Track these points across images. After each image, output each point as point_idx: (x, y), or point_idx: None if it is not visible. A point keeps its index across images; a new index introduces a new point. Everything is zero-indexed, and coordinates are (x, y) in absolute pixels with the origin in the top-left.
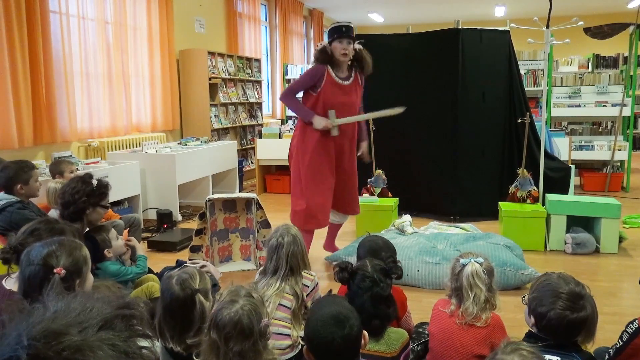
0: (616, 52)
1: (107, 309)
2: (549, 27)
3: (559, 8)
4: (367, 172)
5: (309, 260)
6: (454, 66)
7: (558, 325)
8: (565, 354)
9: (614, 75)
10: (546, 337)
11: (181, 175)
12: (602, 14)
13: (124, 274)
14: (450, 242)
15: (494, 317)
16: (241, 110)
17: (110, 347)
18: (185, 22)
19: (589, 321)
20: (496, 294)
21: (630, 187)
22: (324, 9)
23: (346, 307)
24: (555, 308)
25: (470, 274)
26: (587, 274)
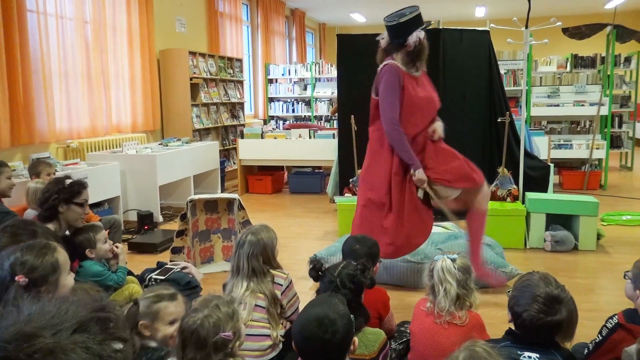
0: (594, 52)
1: (82, 311)
2: (528, 28)
3: (538, 9)
4: (349, 173)
5: (277, 262)
6: (434, 66)
7: (532, 326)
8: (544, 352)
9: (592, 75)
10: (525, 335)
11: (162, 176)
12: (580, 15)
13: (106, 277)
14: (431, 240)
15: (473, 315)
16: (223, 110)
17: (84, 349)
18: (165, 21)
19: (565, 324)
20: (473, 293)
21: (608, 185)
22: (305, 8)
23: (337, 311)
24: (529, 310)
25: (441, 268)
26: (566, 271)
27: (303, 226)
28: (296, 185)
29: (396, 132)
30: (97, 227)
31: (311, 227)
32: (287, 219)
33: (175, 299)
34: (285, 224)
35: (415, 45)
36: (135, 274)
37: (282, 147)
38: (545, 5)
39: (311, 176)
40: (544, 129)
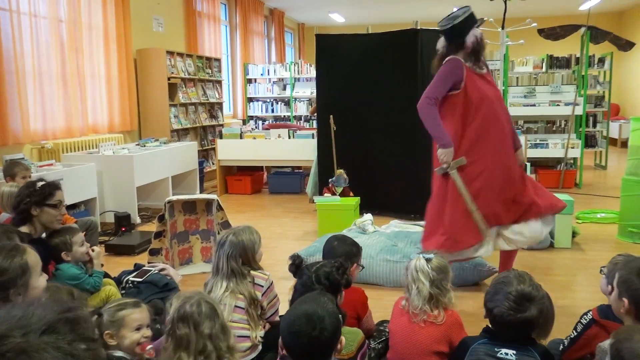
0: (569, 53)
1: (50, 313)
2: (504, 28)
3: (514, 10)
4: (329, 172)
5: (257, 263)
6: (413, 66)
7: (502, 322)
8: (520, 348)
9: (567, 75)
10: (498, 332)
11: (140, 177)
12: (555, 16)
13: (83, 280)
14: (410, 240)
15: (451, 314)
16: (201, 110)
17: (55, 349)
18: (142, 20)
19: (538, 321)
20: (448, 293)
21: (583, 183)
22: (284, 8)
23: (325, 309)
24: (499, 306)
25: (414, 267)
26: (542, 269)
27: (283, 226)
28: (276, 186)
29: (429, 107)
30: (73, 229)
31: (291, 227)
32: (267, 219)
33: (139, 306)
34: (265, 225)
35: (473, 44)
36: (113, 276)
37: (262, 147)
38: (521, 6)
39: (291, 176)
40: (520, 128)
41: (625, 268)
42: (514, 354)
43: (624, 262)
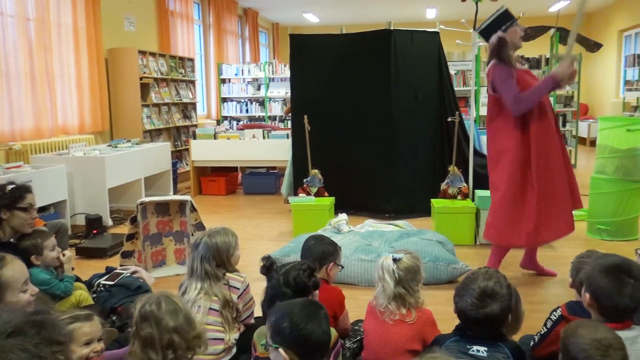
0: (539, 54)
1: (16, 317)
2: (476, 29)
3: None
4: (303, 173)
5: (233, 265)
6: (386, 66)
7: (465, 318)
8: (491, 344)
9: (537, 75)
10: (466, 328)
11: (111, 178)
12: (525, 17)
13: (53, 285)
14: (385, 239)
15: (423, 312)
16: (174, 110)
17: (21, 351)
18: (113, 19)
19: (498, 318)
20: (416, 294)
21: None
22: (259, 8)
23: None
24: (462, 302)
25: (380, 266)
26: (514, 266)
27: (257, 227)
28: (250, 186)
29: (520, 100)
30: (45, 233)
31: (266, 227)
32: (242, 220)
33: (91, 319)
34: (240, 225)
35: (493, 44)
36: (83, 279)
37: (236, 147)
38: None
39: (265, 177)
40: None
41: (591, 264)
42: (486, 351)
43: (592, 258)
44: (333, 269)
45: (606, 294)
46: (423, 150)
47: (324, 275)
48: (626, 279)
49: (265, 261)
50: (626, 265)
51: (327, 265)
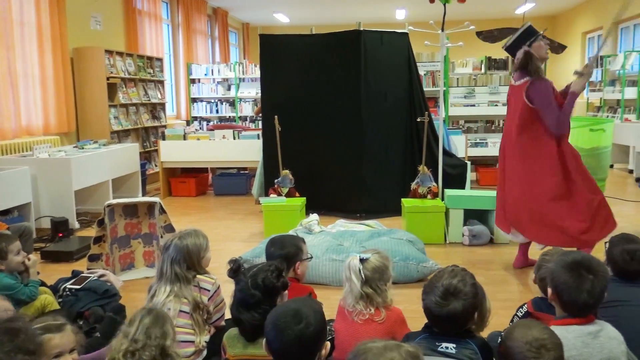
0: (506, 55)
1: None
2: (444, 31)
3: (453, 12)
4: (274, 173)
5: (203, 267)
6: (356, 67)
7: (430, 315)
8: (459, 341)
9: (504, 76)
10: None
11: (78, 180)
12: (492, 19)
13: (17, 290)
14: (356, 239)
15: (393, 311)
16: (143, 111)
17: None
18: (79, 18)
19: (460, 315)
20: (383, 293)
21: None
22: (228, 8)
23: (313, 308)
24: (427, 299)
25: (347, 266)
26: (483, 264)
27: (228, 228)
28: (221, 187)
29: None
30: (9, 237)
31: (237, 229)
32: (212, 221)
33: (62, 330)
34: (211, 227)
35: (519, 59)
36: (49, 284)
37: (206, 148)
38: (460, 9)
39: (236, 177)
40: (461, 128)
41: (555, 260)
42: (454, 347)
43: (556, 255)
44: (300, 267)
45: (566, 289)
46: (393, 150)
47: (293, 275)
48: (585, 274)
49: (233, 264)
50: (586, 262)
51: (293, 266)
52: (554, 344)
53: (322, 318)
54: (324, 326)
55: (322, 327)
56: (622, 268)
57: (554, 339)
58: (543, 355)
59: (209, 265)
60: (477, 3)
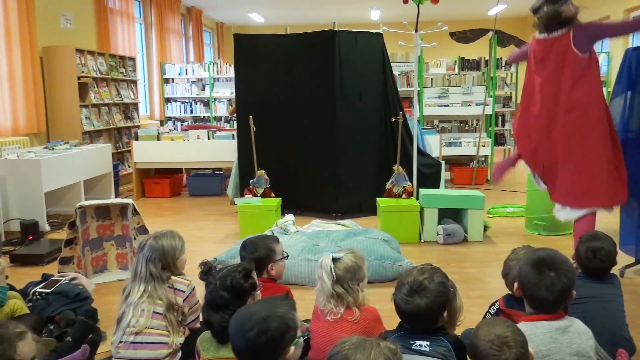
0: (478, 56)
1: None
2: (418, 31)
3: (427, 13)
4: (249, 173)
5: (178, 268)
6: (331, 67)
7: (398, 311)
8: (433, 339)
9: (477, 76)
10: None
11: (48, 182)
12: (465, 20)
13: None
14: (331, 239)
15: (367, 310)
16: (115, 111)
17: None
18: (49, 16)
19: (425, 312)
20: (354, 293)
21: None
22: (202, 7)
23: (275, 313)
24: (395, 296)
25: (319, 265)
26: (457, 262)
27: (203, 229)
28: (195, 188)
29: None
30: None
31: (211, 230)
32: (187, 222)
33: (23, 338)
34: (185, 228)
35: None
36: (18, 288)
37: (180, 148)
38: (433, 10)
39: (211, 178)
40: (435, 127)
41: (523, 257)
42: (427, 345)
43: (525, 252)
44: (275, 268)
45: (527, 284)
46: (368, 149)
47: (268, 275)
48: (546, 271)
49: (203, 266)
50: (550, 259)
51: (266, 268)
52: (516, 341)
53: (283, 322)
54: (284, 331)
55: (281, 334)
56: (585, 265)
57: (516, 336)
58: (504, 352)
59: (184, 267)
60: (450, 4)
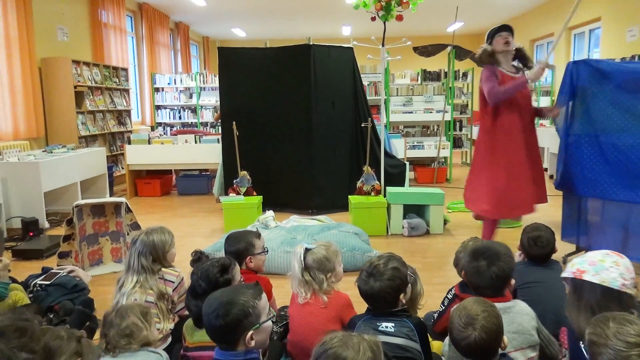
0: (439, 68)
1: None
2: (384, 46)
3: (393, 30)
4: (233, 174)
5: (168, 261)
6: (306, 77)
7: (361, 294)
8: (397, 320)
9: (438, 87)
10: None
11: (47, 182)
12: (427, 36)
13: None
14: (308, 232)
15: (341, 296)
16: (109, 117)
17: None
18: (46, 30)
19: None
20: (321, 282)
21: (452, 178)
22: (189, 22)
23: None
24: (357, 280)
25: (294, 254)
26: (420, 252)
27: (191, 225)
28: (184, 187)
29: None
30: None
31: (199, 225)
32: (176, 219)
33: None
34: (175, 224)
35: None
36: (20, 280)
37: (170, 151)
38: (398, 26)
39: (198, 178)
40: (400, 132)
41: (465, 249)
42: (392, 326)
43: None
44: (254, 261)
45: (469, 272)
46: (340, 152)
47: (247, 267)
48: (481, 260)
49: (194, 255)
50: (484, 249)
51: (244, 260)
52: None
53: (243, 309)
54: (242, 316)
55: (241, 317)
56: (529, 252)
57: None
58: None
59: (174, 260)
60: (413, 21)
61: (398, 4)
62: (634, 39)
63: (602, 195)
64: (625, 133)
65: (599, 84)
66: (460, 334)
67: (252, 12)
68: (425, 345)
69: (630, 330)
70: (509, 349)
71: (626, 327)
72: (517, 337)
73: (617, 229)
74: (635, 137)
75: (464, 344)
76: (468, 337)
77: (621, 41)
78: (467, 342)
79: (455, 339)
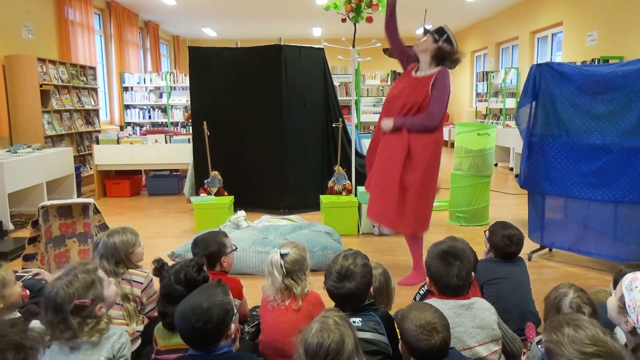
0: None
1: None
2: (355, 47)
3: (362, 31)
4: (204, 174)
5: (132, 262)
6: (278, 78)
7: (331, 296)
8: (364, 315)
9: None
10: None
11: (11, 183)
12: None
13: None
14: (279, 232)
15: (312, 294)
16: (77, 117)
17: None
18: (10, 27)
19: (356, 294)
20: (302, 282)
21: None
22: (159, 21)
23: (213, 301)
24: (327, 283)
25: (270, 262)
26: (390, 251)
27: (161, 226)
28: (154, 188)
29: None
30: None
31: (169, 226)
32: (146, 219)
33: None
34: (144, 225)
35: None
36: None
37: (139, 151)
38: (368, 28)
39: (168, 178)
40: (371, 132)
41: (429, 253)
42: (360, 321)
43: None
44: (226, 261)
45: (438, 276)
46: (312, 152)
47: (220, 269)
48: (452, 261)
49: (156, 263)
50: (452, 250)
51: (219, 262)
52: (442, 326)
53: (222, 310)
54: (224, 317)
55: (223, 318)
56: (503, 251)
57: (443, 321)
58: (434, 337)
59: (143, 259)
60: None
61: (368, 6)
62: (594, 44)
63: (564, 194)
64: (585, 133)
65: (560, 86)
66: (427, 342)
67: (223, 12)
68: (392, 338)
69: (583, 337)
70: (473, 343)
71: (579, 333)
72: (480, 332)
73: (577, 226)
74: (594, 137)
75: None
76: (435, 343)
77: (581, 45)
78: (431, 346)
79: (419, 347)
